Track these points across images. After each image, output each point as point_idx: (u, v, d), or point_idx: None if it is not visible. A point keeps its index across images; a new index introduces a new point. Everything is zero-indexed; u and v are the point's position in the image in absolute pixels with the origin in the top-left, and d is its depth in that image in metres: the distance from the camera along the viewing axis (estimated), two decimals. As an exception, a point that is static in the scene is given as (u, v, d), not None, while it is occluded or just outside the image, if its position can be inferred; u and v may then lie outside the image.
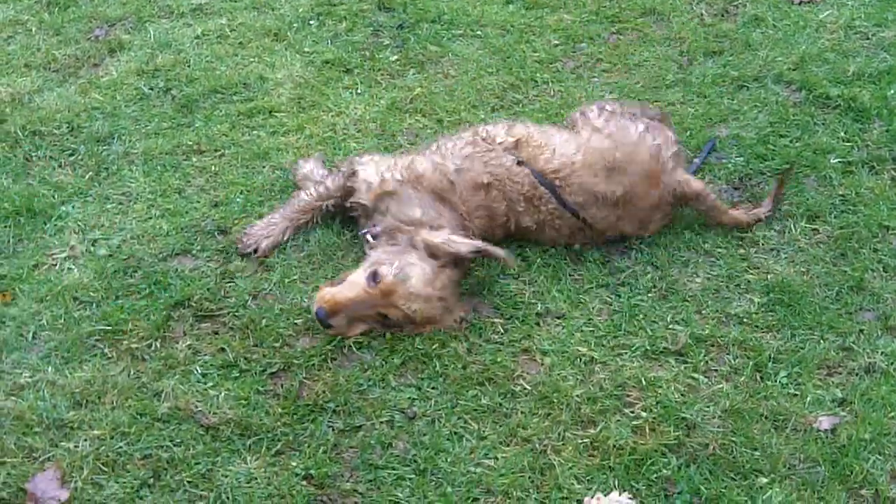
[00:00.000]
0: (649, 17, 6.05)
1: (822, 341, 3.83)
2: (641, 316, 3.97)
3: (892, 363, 3.72)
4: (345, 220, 4.42)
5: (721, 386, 3.66)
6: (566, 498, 3.28)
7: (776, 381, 3.67)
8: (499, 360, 3.79)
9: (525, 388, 3.67)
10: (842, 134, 4.93)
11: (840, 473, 3.31)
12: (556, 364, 3.77)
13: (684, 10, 6.08)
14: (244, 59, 5.67)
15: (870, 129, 4.97)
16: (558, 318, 3.99)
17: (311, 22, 6.05)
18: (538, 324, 3.96)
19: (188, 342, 3.87)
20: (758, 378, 3.70)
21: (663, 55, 5.68)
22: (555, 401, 3.62)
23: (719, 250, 4.27)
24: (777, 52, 5.60)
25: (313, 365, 3.76)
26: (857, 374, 3.70)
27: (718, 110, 5.15)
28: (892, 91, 5.18)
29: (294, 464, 3.41)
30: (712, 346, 3.83)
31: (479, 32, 5.91)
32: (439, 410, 3.59)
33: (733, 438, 3.45)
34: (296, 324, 3.94)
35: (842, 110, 5.11)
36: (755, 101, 5.24)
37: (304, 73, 5.55)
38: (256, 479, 3.37)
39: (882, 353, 3.77)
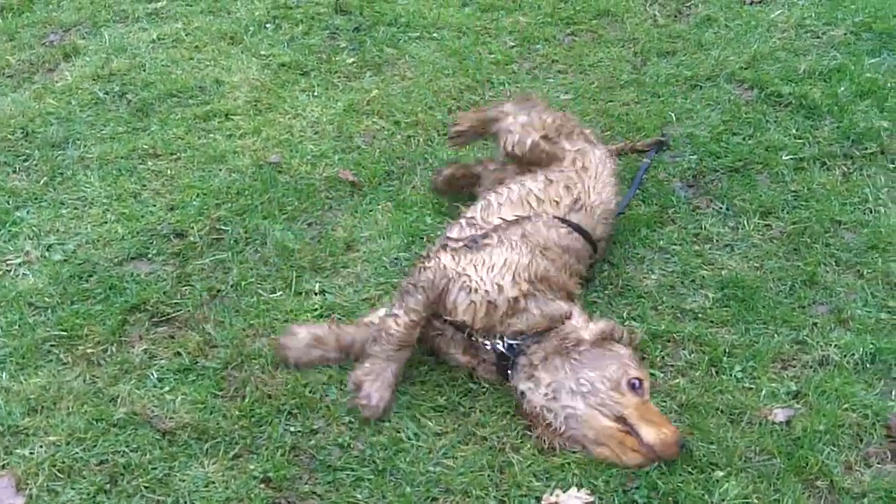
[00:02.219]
0: (604, 19, 6.10)
1: (776, 335, 3.87)
2: (598, 313, 3.98)
3: (845, 356, 3.76)
4: (308, 222, 4.44)
5: (677, 381, 3.69)
6: (525, 495, 3.28)
7: (731, 375, 3.71)
8: (458, 359, 3.79)
9: (484, 388, 3.67)
10: (793, 131, 5.00)
11: (795, 465, 3.34)
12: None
13: (638, 12, 6.14)
14: (200, 63, 5.65)
15: (821, 125, 5.04)
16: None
17: (268, 25, 6.05)
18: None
19: (144, 346, 3.84)
20: (713, 372, 3.73)
21: (617, 56, 5.73)
22: (514, 401, 3.62)
23: (674, 247, 4.31)
24: (729, 52, 5.66)
25: (270, 367, 3.75)
26: (810, 367, 3.74)
27: (672, 109, 5.19)
28: (842, 88, 5.26)
29: (252, 467, 3.39)
30: (668, 341, 3.86)
31: (435, 35, 5.93)
32: (398, 411, 3.59)
33: (690, 433, 3.47)
34: (252, 325, 3.92)
35: (793, 108, 5.18)
36: (708, 99, 5.29)
37: (261, 76, 5.54)
38: (214, 483, 3.34)
39: (835, 345, 3.81)
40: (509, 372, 3.56)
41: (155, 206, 4.55)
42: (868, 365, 3.73)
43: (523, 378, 3.51)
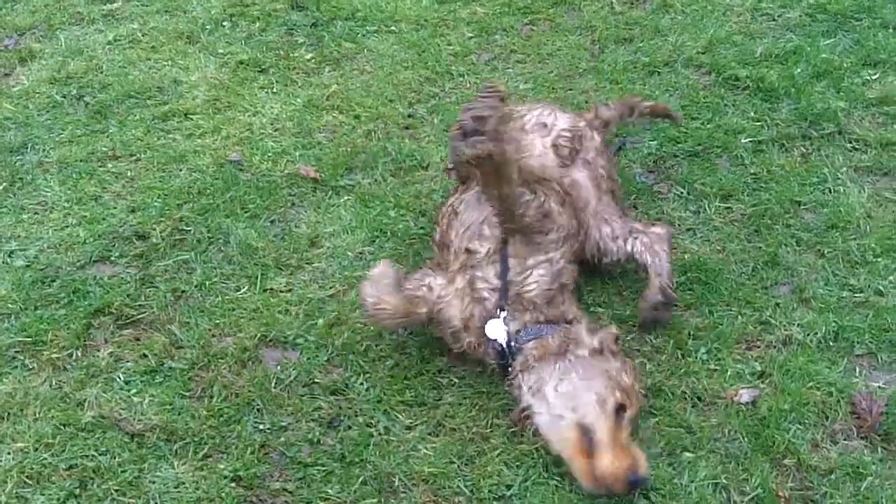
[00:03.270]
0: (561, 7, 6.12)
1: (739, 316, 3.91)
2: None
3: (808, 334, 3.80)
4: (271, 219, 4.43)
5: (644, 365, 3.71)
6: (496, 484, 3.30)
7: (697, 357, 3.73)
8: (426, 355, 3.79)
9: (453, 381, 3.68)
10: (752, 114, 5.04)
11: (762, 445, 3.37)
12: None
13: (595, 0, 6.15)
14: (157, 63, 5.61)
15: (779, 108, 5.08)
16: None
17: (225, 23, 6.01)
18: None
19: (110, 350, 3.82)
20: (679, 356, 3.75)
21: (575, 44, 5.75)
22: (483, 391, 3.64)
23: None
24: (686, 37, 5.69)
25: (238, 365, 3.74)
26: (774, 347, 3.78)
27: (631, 96, 5.21)
28: (798, 70, 5.30)
29: (222, 466, 3.38)
30: (633, 326, 3.88)
31: (393, 28, 5.92)
32: (367, 405, 3.59)
33: (657, 416, 3.50)
34: (218, 324, 3.91)
35: (751, 91, 5.22)
36: (666, 85, 5.32)
37: (219, 74, 5.51)
38: (184, 483, 3.33)
39: (798, 324, 3.85)
40: (510, 362, 3.54)
41: (116, 208, 4.52)
42: (831, 343, 3.77)
43: (519, 369, 3.49)
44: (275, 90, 5.38)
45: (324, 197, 4.59)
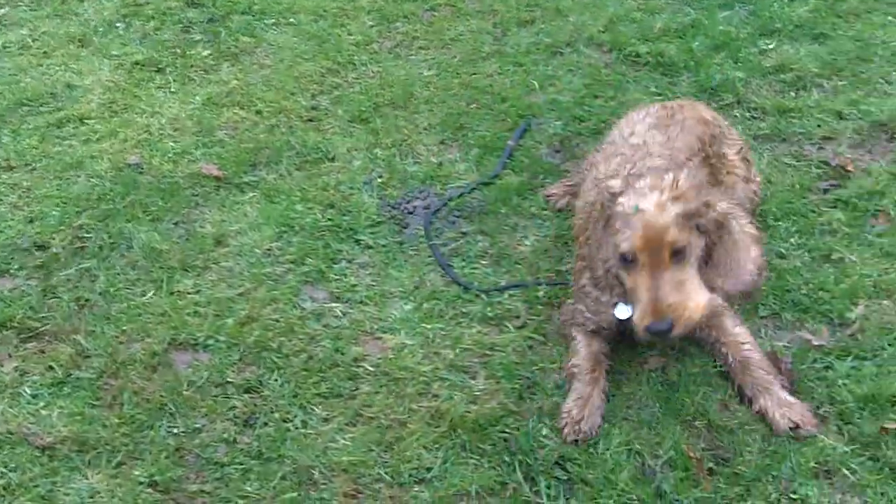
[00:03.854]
0: (461, -8, 6.12)
1: (649, 288, 3.94)
2: (477, 283, 4.01)
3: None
4: (174, 221, 4.36)
5: (558, 346, 3.73)
6: (416, 468, 3.29)
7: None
8: (339, 345, 3.77)
9: (368, 370, 3.66)
10: (653, 88, 5.10)
11: (673, 409, 3.41)
12: (400, 342, 3.78)
13: (495, -17, 6.17)
14: (50, 69, 5.49)
15: (679, 81, 5.14)
16: (401, 297, 3.99)
17: (118, 24, 5.92)
18: (378, 305, 3.95)
19: (14, 364, 3.72)
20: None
21: (478, 28, 5.76)
22: (399, 377, 3.62)
23: (545, 212, 4.35)
24: (587, 17, 5.74)
25: (148, 370, 3.67)
26: (684, 316, 3.82)
27: (535, 77, 5.24)
28: (697, 43, 5.37)
29: (137, 473, 3.32)
30: (547, 305, 3.90)
31: (292, 20, 5.88)
32: (282, 401, 3.55)
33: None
34: (125, 331, 3.84)
35: (651, 66, 5.28)
36: (569, 65, 5.35)
37: (114, 76, 5.41)
38: (100, 493, 3.27)
39: (706, 292, 3.90)
40: None
41: (13, 219, 4.41)
42: (736, 306, 3.81)
43: None
44: (172, 89, 5.29)
45: (228, 195, 4.53)
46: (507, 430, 3.38)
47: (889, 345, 3.59)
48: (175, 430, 3.46)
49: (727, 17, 5.64)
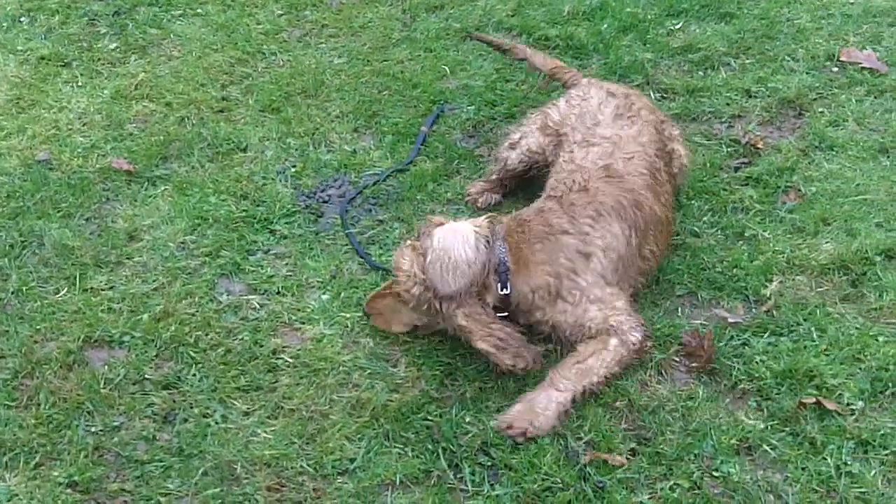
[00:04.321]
0: (370, -21, 6.09)
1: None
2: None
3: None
4: (86, 217, 4.28)
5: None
6: (339, 459, 3.28)
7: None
8: (258, 338, 3.74)
9: (287, 361, 3.64)
10: (563, 71, 5.12)
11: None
12: (319, 332, 3.76)
13: (403, -31, 6.14)
14: (-48, 66, 5.34)
15: (589, 63, 5.19)
16: (318, 287, 3.97)
17: (22, 19, 5.77)
18: (295, 295, 3.93)
19: (-76, 367, 3.63)
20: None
21: (387, 15, 5.74)
22: (319, 368, 3.61)
23: (460, 198, 4.36)
24: (495, 1, 5.76)
25: (63, 369, 3.60)
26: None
27: (445, 63, 5.24)
28: (605, 25, 5.43)
29: (56, 473, 3.25)
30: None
31: (199, 10, 5.79)
32: (202, 396, 3.51)
33: (489, 375, 3.55)
34: (39, 329, 3.76)
35: (562, 49, 5.32)
36: (479, 49, 5.37)
37: (20, 72, 5.28)
38: (17, 495, 3.20)
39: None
40: None
41: (-82, 219, 4.29)
42: (653, 286, 3.88)
43: None
44: (80, 83, 5.19)
45: (139, 189, 4.46)
46: (429, 418, 3.39)
47: (804, 320, 3.68)
48: (93, 429, 3.40)
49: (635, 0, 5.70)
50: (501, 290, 3.51)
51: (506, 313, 3.57)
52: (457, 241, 3.48)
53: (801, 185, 4.30)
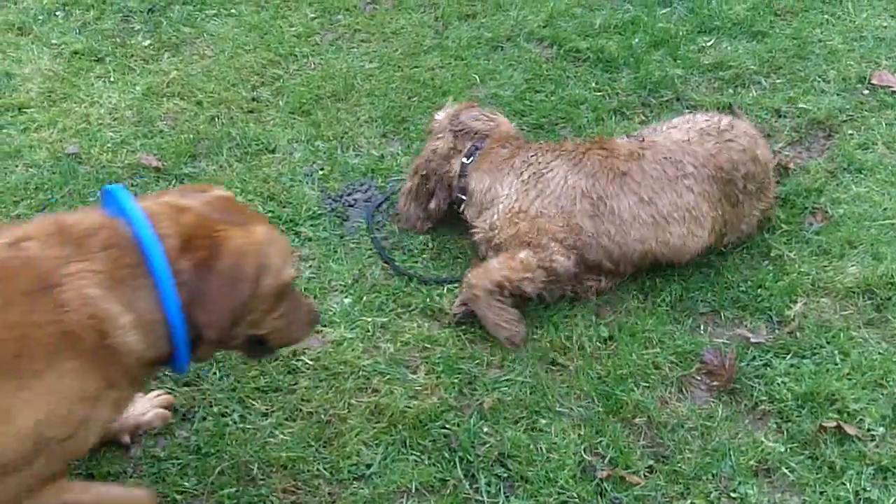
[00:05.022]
0: (403, -15, 6.11)
1: (590, 284, 3.98)
2: (419, 275, 4.01)
3: (655, 298, 3.90)
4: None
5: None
6: (355, 465, 3.28)
7: (549, 324, 3.79)
8: (279, 337, 3.75)
9: (307, 364, 3.65)
10: (593, 84, 5.12)
11: (613, 405, 3.45)
12: (340, 335, 3.77)
13: (437, -24, 6.16)
14: (-13, 57, 5.39)
15: (619, 77, 5.18)
16: (341, 290, 3.98)
17: (58, 13, 5.80)
18: (318, 298, 3.93)
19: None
20: (531, 324, 3.80)
21: (419, 22, 5.74)
22: (339, 372, 3.62)
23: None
24: (527, 11, 5.75)
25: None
26: (621, 313, 3.86)
27: (476, 71, 5.25)
28: (636, 40, 5.41)
29: (73, 466, 3.27)
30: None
31: (233, 10, 5.81)
32: (221, 395, 3.53)
33: (508, 386, 3.55)
34: (62, 324, 3.78)
35: (591, 62, 5.31)
36: (510, 60, 5.37)
37: (53, 65, 5.31)
38: (34, 488, 3.22)
39: (644, 291, 3.95)
40: None
41: (-52, 208, 4.33)
42: (677, 304, 3.87)
43: None
44: (112, 79, 5.21)
45: (167, 186, 4.48)
46: (447, 426, 3.39)
47: (827, 343, 3.67)
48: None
49: (666, 15, 5.69)
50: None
51: None
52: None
53: (829, 206, 4.28)
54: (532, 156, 4.01)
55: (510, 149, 4.10)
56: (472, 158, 4.13)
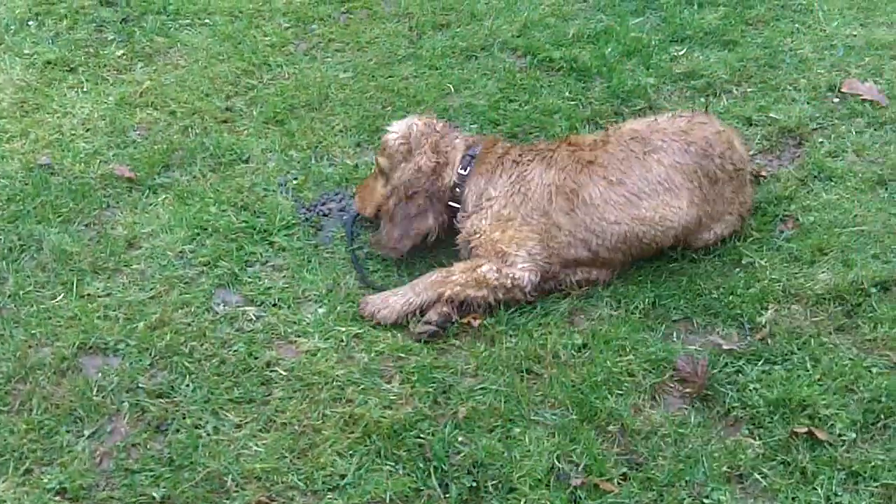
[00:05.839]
0: (377, -5, 6.12)
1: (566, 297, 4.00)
2: (392, 287, 4.02)
3: (629, 306, 3.91)
4: (85, 222, 4.28)
5: (471, 344, 3.77)
6: (329, 475, 3.28)
7: (523, 332, 3.80)
8: (253, 349, 3.74)
9: (281, 374, 3.64)
10: (566, 93, 5.15)
11: (586, 413, 3.46)
12: (314, 346, 3.77)
13: (411, -14, 6.18)
14: (-42, 68, 5.36)
15: (592, 86, 5.21)
16: (315, 300, 3.98)
17: (30, 23, 5.78)
18: (292, 308, 3.93)
19: (-83, 369, 3.63)
20: (504, 332, 3.81)
21: (393, 31, 5.76)
22: (313, 382, 3.61)
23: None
24: (501, 21, 5.77)
25: (57, 375, 3.61)
26: (595, 321, 3.87)
27: (450, 81, 5.26)
28: (609, 49, 5.44)
29: (46, 480, 3.26)
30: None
31: (207, 20, 5.81)
32: (194, 406, 3.51)
33: (483, 395, 3.56)
34: (34, 334, 3.76)
35: (565, 71, 5.33)
36: (484, 69, 5.39)
37: (25, 75, 5.29)
38: (6, 501, 3.20)
39: (618, 298, 3.96)
40: None
41: (-82, 219, 4.30)
42: (650, 311, 3.89)
43: None
44: (85, 89, 5.20)
45: (140, 197, 4.47)
46: (422, 436, 3.40)
47: (798, 349, 3.69)
48: (85, 435, 3.41)
49: (639, 24, 5.72)
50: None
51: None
52: None
53: (799, 214, 4.31)
54: (520, 154, 4.08)
55: (502, 146, 4.18)
56: (468, 169, 4.13)
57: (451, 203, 4.15)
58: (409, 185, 4.12)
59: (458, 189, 4.13)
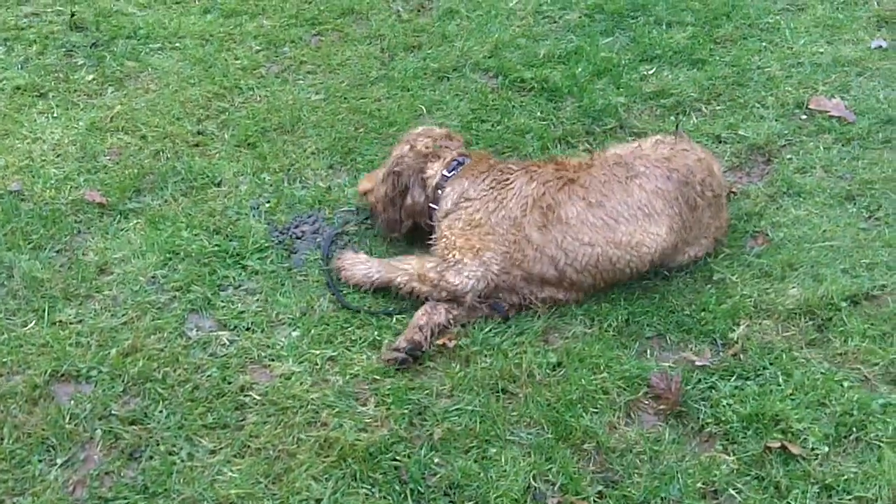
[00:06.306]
0: (348, 17, 6.14)
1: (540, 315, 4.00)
2: (366, 308, 4.01)
3: (602, 323, 3.93)
4: (56, 249, 4.26)
5: (446, 365, 3.77)
6: (305, 500, 3.26)
7: (498, 352, 3.80)
8: (226, 374, 3.73)
9: (255, 399, 3.63)
10: (538, 113, 5.18)
11: (562, 431, 3.46)
12: (288, 369, 3.75)
13: (382, 8, 6.20)
14: (-73, 94, 5.33)
15: (563, 106, 5.24)
16: (289, 324, 3.97)
17: (-1, 48, 5.76)
18: (265, 332, 3.92)
19: None
20: (479, 352, 3.82)
21: (365, 53, 5.77)
22: (287, 406, 3.60)
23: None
24: (472, 42, 5.80)
25: (28, 403, 3.57)
26: (570, 339, 3.88)
27: (422, 102, 5.28)
28: (580, 69, 5.48)
29: (15, 507, 3.24)
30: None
31: (177, 44, 5.81)
32: (168, 432, 3.49)
33: (458, 415, 3.55)
34: (5, 362, 3.73)
35: (536, 91, 5.36)
36: (456, 90, 5.41)
37: (-6, 101, 5.27)
38: (-23, 532, 3.18)
39: (592, 316, 3.98)
40: None
41: None
42: (623, 329, 3.90)
43: None
44: (55, 114, 5.18)
45: (111, 222, 4.45)
46: (397, 458, 3.39)
47: (770, 364, 3.71)
48: (58, 464, 3.38)
49: (609, 44, 5.76)
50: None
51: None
52: None
53: (769, 230, 4.35)
54: (508, 166, 4.16)
55: (494, 160, 4.30)
56: (453, 172, 4.22)
57: (430, 205, 4.24)
58: (396, 161, 4.31)
59: (439, 190, 4.21)
